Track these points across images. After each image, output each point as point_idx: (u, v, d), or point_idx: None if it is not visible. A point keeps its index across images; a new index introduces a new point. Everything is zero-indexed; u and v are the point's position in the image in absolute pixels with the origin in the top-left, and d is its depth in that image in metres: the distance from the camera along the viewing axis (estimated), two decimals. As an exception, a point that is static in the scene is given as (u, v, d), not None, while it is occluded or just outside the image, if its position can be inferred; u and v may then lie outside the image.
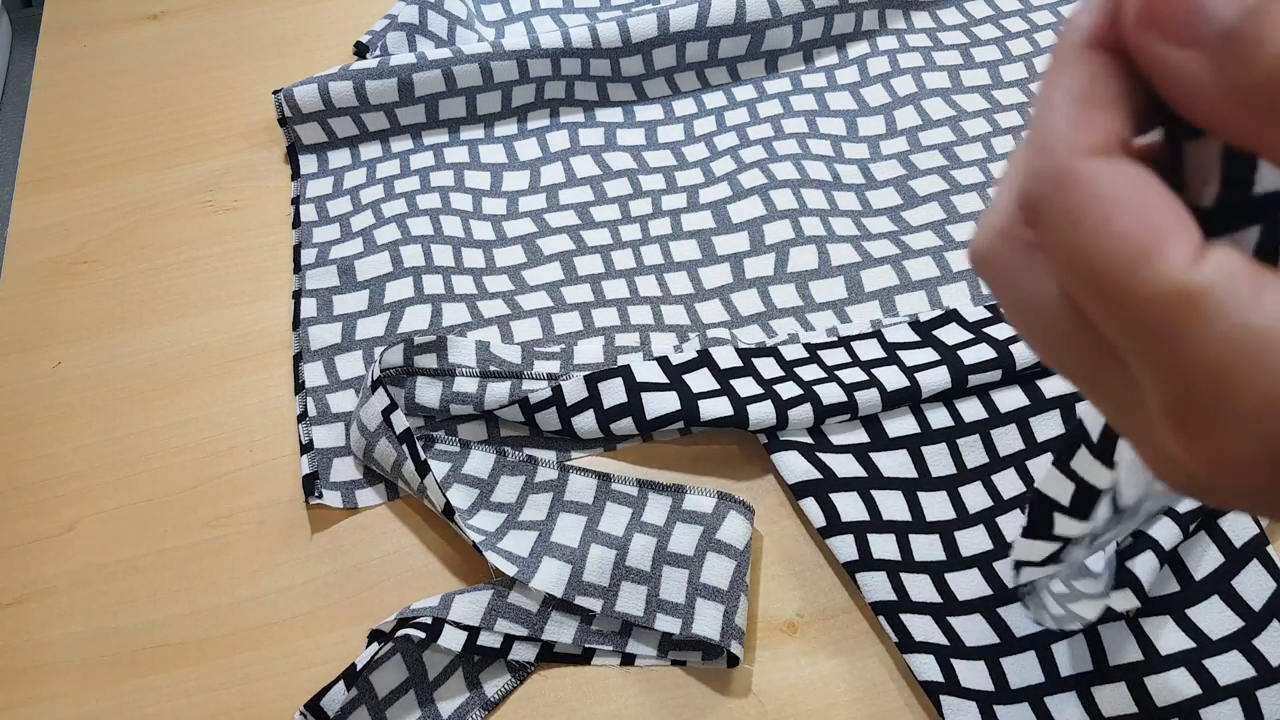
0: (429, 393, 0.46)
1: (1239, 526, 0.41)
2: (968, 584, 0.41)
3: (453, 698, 0.40)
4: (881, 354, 0.48)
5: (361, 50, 0.65)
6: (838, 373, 0.47)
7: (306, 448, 0.47)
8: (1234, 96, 0.14)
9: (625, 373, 0.46)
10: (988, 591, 0.41)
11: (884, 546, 0.42)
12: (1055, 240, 0.16)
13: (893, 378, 0.46)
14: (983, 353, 0.46)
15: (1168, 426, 0.16)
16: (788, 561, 0.43)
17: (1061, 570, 0.33)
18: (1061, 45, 0.17)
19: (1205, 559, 0.41)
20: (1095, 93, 0.16)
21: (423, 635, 0.39)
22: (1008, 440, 0.45)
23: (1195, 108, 0.15)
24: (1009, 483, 0.44)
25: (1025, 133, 0.17)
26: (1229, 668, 0.38)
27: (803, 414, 0.45)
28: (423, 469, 0.42)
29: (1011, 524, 0.43)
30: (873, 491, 0.44)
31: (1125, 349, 0.16)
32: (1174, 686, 0.38)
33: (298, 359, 0.50)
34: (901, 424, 0.46)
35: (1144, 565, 0.39)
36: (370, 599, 0.43)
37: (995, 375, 0.46)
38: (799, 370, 0.47)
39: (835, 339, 0.49)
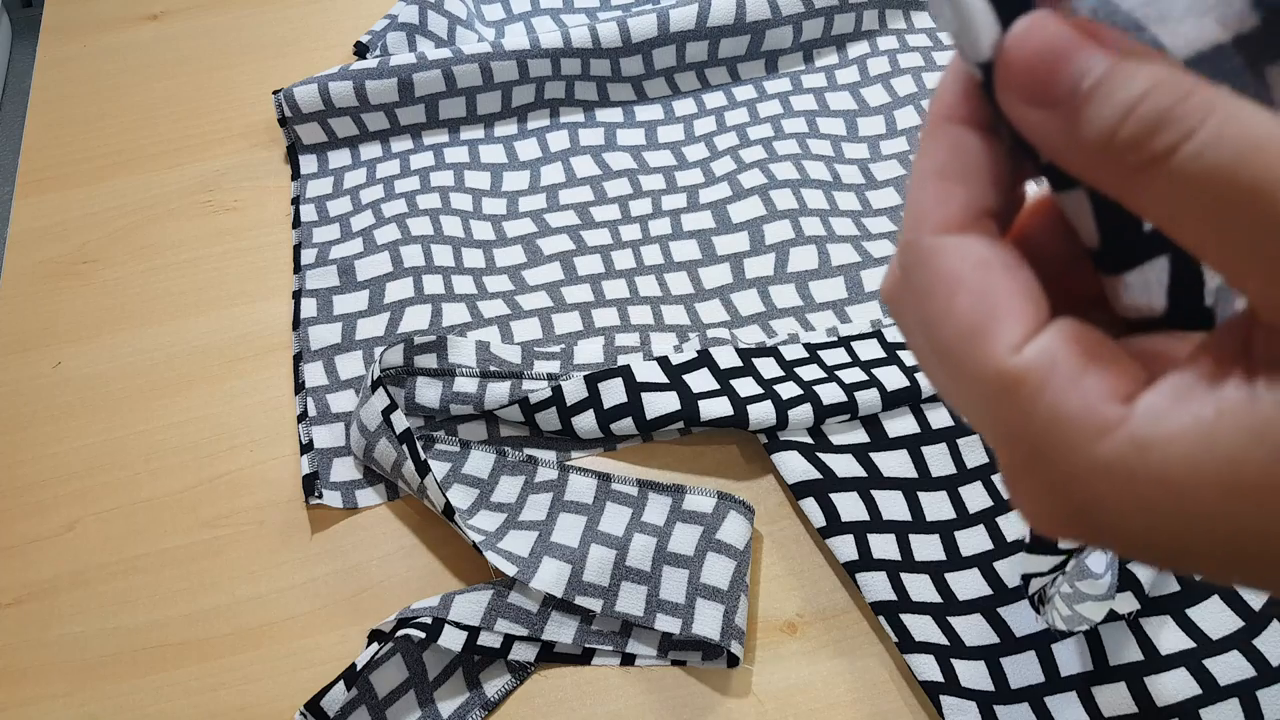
0: (429, 393, 0.46)
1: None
2: (968, 584, 0.41)
3: (453, 698, 0.40)
4: (882, 354, 0.48)
5: (361, 50, 0.65)
6: (838, 373, 0.47)
7: (306, 448, 0.47)
8: (1085, 151, 0.15)
9: (625, 373, 0.46)
10: (988, 591, 0.41)
11: (884, 546, 0.42)
12: (914, 309, 0.18)
13: (893, 378, 0.46)
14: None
15: (1004, 483, 0.18)
16: (788, 561, 0.43)
17: (1069, 568, 0.33)
18: (927, 121, 0.18)
19: (1205, 559, 0.41)
20: (952, 167, 0.17)
21: (423, 635, 0.39)
22: (1008, 440, 0.45)
23: (1059, 162, 0.16)
24: (1009, 483, 0.44)
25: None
26: (1229, 668, 0.38)
27: (803, 414, 0.45)
28: (423, 469, 0.42)
29: (1011, 524, 0.43)
30: (873, 491, 0.44)
31: (970, 411, 0.17)
32: (1174, 686, 0.38)
33: (298, 359, 0.50)
34: (901, 424, 0.46)
35: (1144, 567, 0.39)
36: (370, 599, 0.43)
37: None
38: (799, 370, 0.47)
39: (835, 339, 0.49)
